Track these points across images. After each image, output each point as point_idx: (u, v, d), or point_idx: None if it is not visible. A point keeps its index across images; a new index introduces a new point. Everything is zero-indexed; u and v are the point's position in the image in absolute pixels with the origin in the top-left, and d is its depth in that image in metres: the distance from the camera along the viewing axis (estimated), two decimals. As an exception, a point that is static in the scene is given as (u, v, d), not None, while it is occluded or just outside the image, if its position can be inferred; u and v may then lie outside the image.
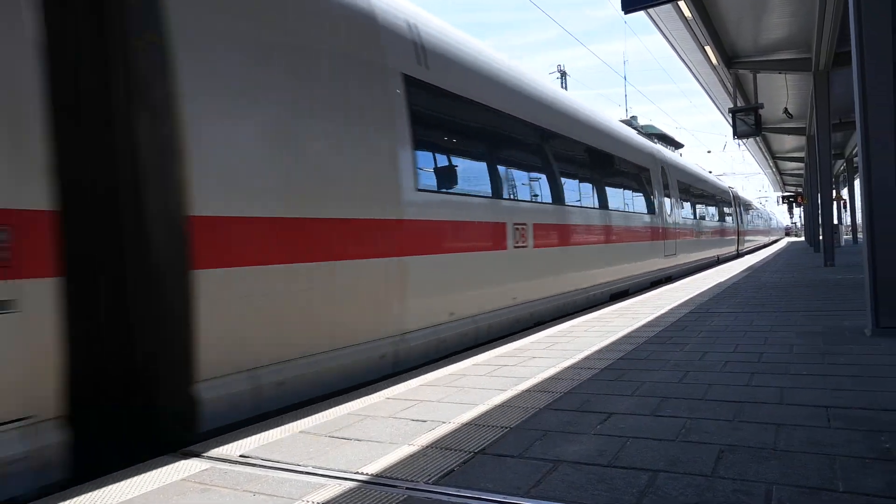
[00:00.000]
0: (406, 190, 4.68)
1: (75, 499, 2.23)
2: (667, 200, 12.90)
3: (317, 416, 3.12)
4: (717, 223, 19.91)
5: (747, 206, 30.96)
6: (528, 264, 6.61)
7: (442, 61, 5.40)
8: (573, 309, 7.85)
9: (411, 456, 2.41)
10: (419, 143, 4.91)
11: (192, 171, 3.15)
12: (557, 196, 7.48)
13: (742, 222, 26.68)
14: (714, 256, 18.94)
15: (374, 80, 4.49)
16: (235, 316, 3.33)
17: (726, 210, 22.18)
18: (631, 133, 11.65)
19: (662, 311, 6.60)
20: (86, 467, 2.84)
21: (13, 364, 2.45)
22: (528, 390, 3.37)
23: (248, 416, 3.34)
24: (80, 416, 2.88)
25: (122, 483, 2.34)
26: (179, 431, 3.08)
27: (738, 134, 13.68)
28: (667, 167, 13.37)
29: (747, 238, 28.23)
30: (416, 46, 5.05)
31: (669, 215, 12.98)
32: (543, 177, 7.28)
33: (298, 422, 3.03)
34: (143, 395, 3.18)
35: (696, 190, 16.49)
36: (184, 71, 3.15)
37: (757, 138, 23.56)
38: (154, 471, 2.45)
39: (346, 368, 4.07)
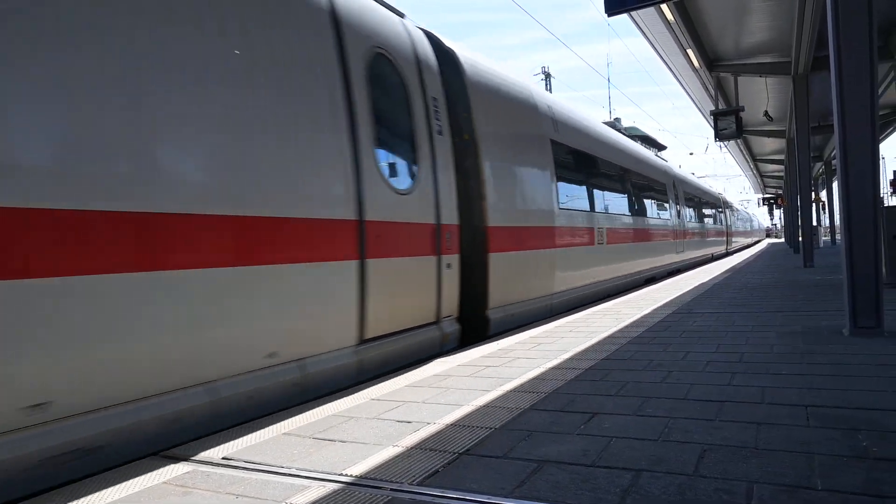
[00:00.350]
0: (556, 208, 7.75)
1: None
2: (677, 208, 16.10)
3: (301, 416, 3.10)
4: (713, 226, 23.21)
5: (734, 211, 35.09)
6: (604, 256, 9.63)
7: (564, 127, 8.49)
8: (623, 288, 10.80)
9: (396, 457, 2.40)
10: (558, 178, 7.92)
11: (487, 204, 6.08)
12: (619, 209, 10.69)
13: (731, 225, 30.29)
14: (710, 254, 21.99)
15: (542, 145, 7.60)
16: (501, 279, 6.24)
17: (719, 215, 25.48)
18: (654, 157, 15.06)
19: (646, 312, 6.65)
20: (462, 342, 5.76)
21: (450, 293, 5.44)
22: (512, 391, 3.38)
23: (504, 329, 6.29)
24: (461, 317, 5.77)
25: (102, 487, 2.31)
26: (485, 331, 6.01)
27: (719, 136, 13.85)
28: (676, 181, 16.58)
29: (734, 239, 32.27)
30: (553, 121, 8.10)
31: (679, 220, 16.18)
32: (613, 196, 10.47)
33: (282, 423, 3.01)
34: (477, 312, 6.00)
35: (696, 198, 19.78)
36: (481, 151, 6.10)
37: (738, 140, 23.88)
38: (135, 475, 2.42)
39: (533, 311, 7.12)
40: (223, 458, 2.54)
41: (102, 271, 2.70)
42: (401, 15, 5.53)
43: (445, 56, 6.01)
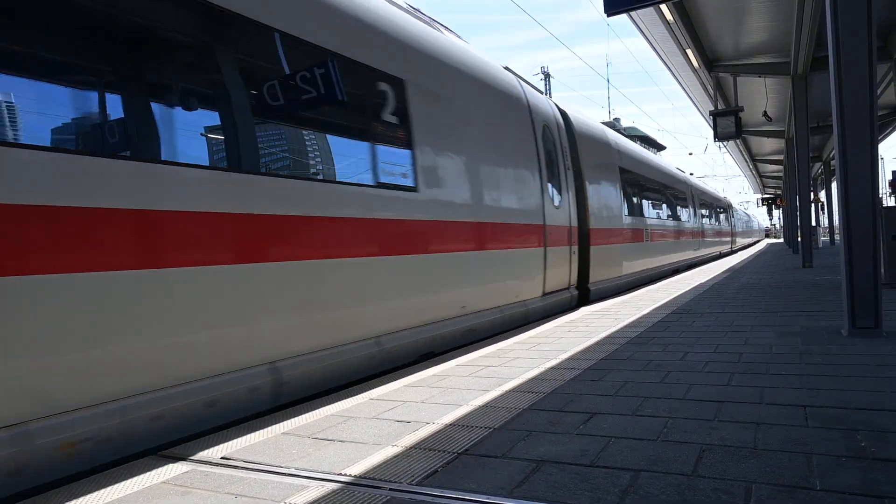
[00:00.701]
0: (623, 215, 10.77)
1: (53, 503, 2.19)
2: (695, 212, 19.41)
3: (300, 417, 3.11)
4: (721, 227, 26.91)
5: (737, 213, 39.98)
6: (650, 250, 12.68)
7: (625, 156, 11.57)
8: (658, 276, 13.55)
9: (395, 457, 2.41)
10: (623, 193, 10.93)
11: (589, 213, 8.89)
12: (658, 215, 13.98)
13: (735, 226, 34.36)
14: (718, 251, 25.35)
15: (614, 171, 10.56)
16: (597, 263, 9.06)
17: (725, 217, 29.32)
18: (676, 170, 18.21)
19: (644, 312, 6.66)
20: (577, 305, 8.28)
21: (573, 271, 8.38)
22: (511, 391, 3.39)
23: (597, 298, 8.94)
24: (577, 287, 8.58)
25: (100, 487, 2.31)
26: (587, 298, 8.75)
27: (718, 136, 13.85)
28: (693, 189, 19.89)
29: (738, 239, 36.87)
30: (619, 153, 11.13)
31: (698, 223, 19.73)
32: (653, 205, 13.79)
33: (281, 423, 3.01)
34: (584, 285, 8.65)
35: (708, 203, 23.45)
36: (584, 176, 8.98)
37: (737, 141, 23.91)
38: (133, 475, 2.42)
39: (611, 288, 9.88)
40: (222, 458, 2.54)
41: (473, 249, 5.79)
42: (544, 93, 9.00)
43: (564, 115, 9.10)
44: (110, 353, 2.77)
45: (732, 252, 30.17)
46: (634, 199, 11.98)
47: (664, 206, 14.94)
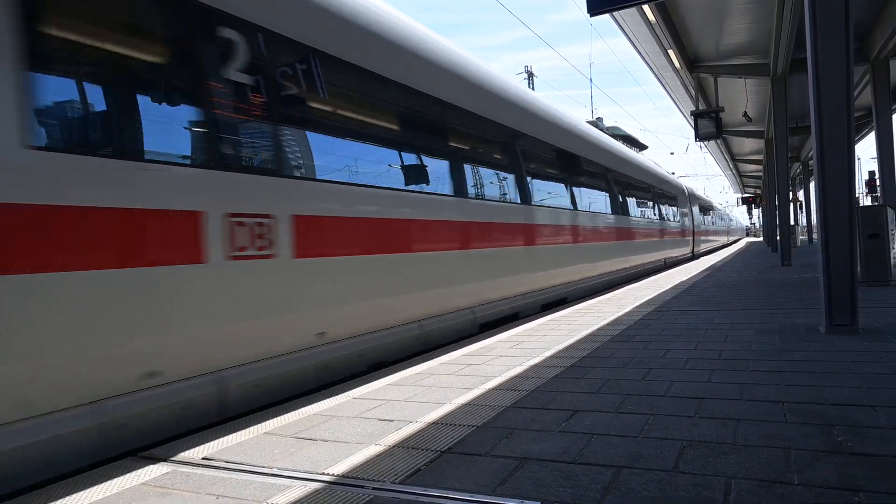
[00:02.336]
0: (693, 224, 23.71)
1: (29, 505, 2.16)
2: (689, 213, 23.41)
3: (282, 417, 3.09)
4: (713, 227, 31.98)
5: (724, 214, 46.54)
6: (693, 240, 23.45)
7: (692, 193, 25.88)
8: (696, 255, 23.90)
9: (378, 456, 2.40)
10: (694, 214, 24.46)
11: (693, 223, 24.08)
12: (697, 222, 25.56)
13: (727, 226, 41.92)
14: (715, 246, 31.27)
15: (685, 204, 22.55)
16: (698, 243, 25.37)
17: (716, 217, 35.09)
18: (676, 180, 23.02)
19: (626, 310, 6.71)
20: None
21: (691, 248, 23.60)
22: (494, 389, 3.39)
23: (699, 256, 24.60)
24: (691, 254, 21.98)
25: (79, 489, 2.27)
26: (692, 259, 21.83)
27: (699, 136, 13.99)
28: (689, 193, 24.44)
29: (730, 236, 45.53)
30: (689, 196, 23.92)
31: (691, 223, 23.56)
32: (699, 216, 26.40)
33: (263, 423, 2.99)
34: (693, 255, 23.08)
35: (701, 205, 28.39)
36: (693, 213, 24.88)
37: (718, 141, 24.30)
38: (113, 476, 2.39)
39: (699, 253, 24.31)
40: (203, 459, 2.51)
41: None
42: (674, 174, 22.21)
43: (689, 190, 22.76)
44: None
45: (726, 246, 32.69)
46: (696, 216, 24.55)
47: (697, 216, 26.06)
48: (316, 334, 4.13)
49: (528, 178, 7.93)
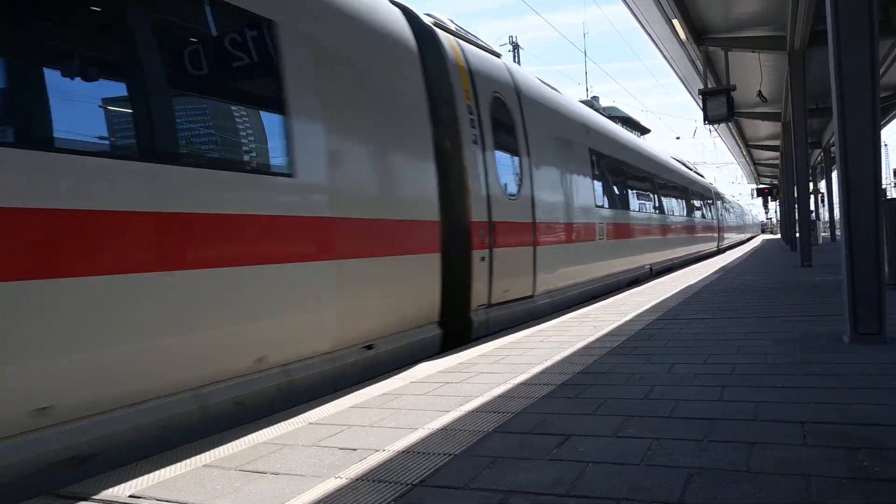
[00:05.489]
0: (719, 220, 31.60)
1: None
2: (717, 212, 29.78)
3: (225, 447, 3.05)
4: (734, 224, 39.06)
5: (743, 211, 56.79)
6: (720, 236, 31.46)
7: (720, 193, 35.77)
8: (725, 247, 32.81)
9: (338, 490, 2.38)
10: (721, 213, 33.46)
11: (718, 219, 32.77)
12: (722, 217, 33.87)
13: (747, 222, 47.96)
14: (735, 241, 38.01)
15: (712, 200, 30.53)
16: (725, 235, 35.92)
17: (738, 214, 43.26)
18: (706, 181, 30.07)
19: (627, 318, 6.78)
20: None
21: (720, 240, 31.41)
22: (474, 411, 3.40)
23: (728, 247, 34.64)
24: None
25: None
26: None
27: (708, 118, 14.20)
28: (718, 193, 31.52)
29: (748, 232, 53.52)
30: (715, 194, 32.17)
31: (720, 220, 30.20)
32: (724, 213, 35.91)
33: (203, 454, 2.95)
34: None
35: (727, 204, 36.01)
36: (719, 206, 34.23)
37: (729, 124, 24.48)
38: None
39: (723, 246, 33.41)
40: (131, 497, 2.47)
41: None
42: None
43: (711, 185, 31.90)
44: None
45: (743, 243, 41.19)
46: (724, 213, 31.59)
47: (722, 213, 33.04)
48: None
49: (633, 192, 14.80)
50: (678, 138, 57.75)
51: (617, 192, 13.05)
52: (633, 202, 14.31)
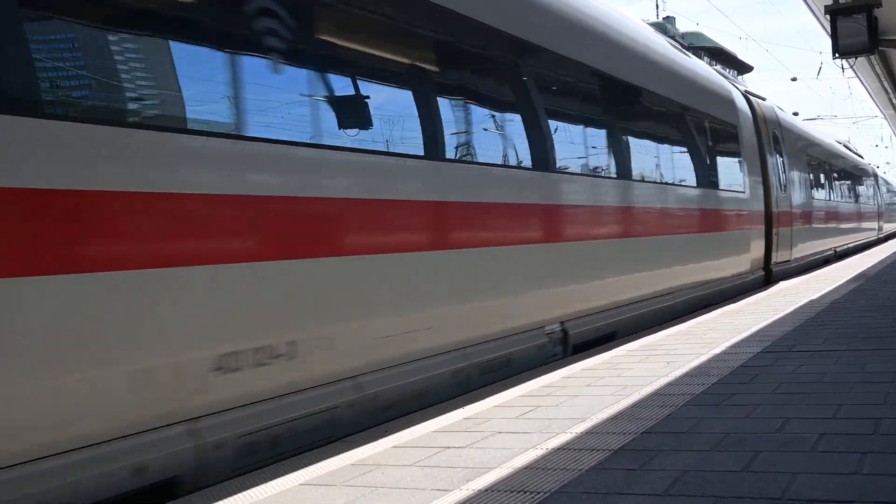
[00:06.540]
0: (879, 205, 51.53)
1: None
2: (878, 196, 46.98)
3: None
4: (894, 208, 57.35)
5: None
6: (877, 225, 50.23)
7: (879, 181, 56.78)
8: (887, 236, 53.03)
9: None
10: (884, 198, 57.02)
11: (879, 204, 52.50)
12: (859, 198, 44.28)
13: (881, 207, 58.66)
14: (891, 231, 53.58)
15: (871, 183, 50.36)
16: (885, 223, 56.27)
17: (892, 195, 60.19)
18: (867, 164, 48.99)
19: (716, 351, 6.78)
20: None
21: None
22: (485, 491, 3.40)
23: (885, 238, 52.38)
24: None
25: None
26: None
27: (840, 50, 14.11)
28: (877, 177, 49.12)
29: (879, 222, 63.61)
30: (874, 176, 52.77)
31: (879, 205, 47.63)
32: (888, 196, 62.81)
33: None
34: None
35: (890, 187, 57.74)
36: (879, 188, 55.71)
37: (872, 56, 24.43)
38: None
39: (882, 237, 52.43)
40: None
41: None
42: None
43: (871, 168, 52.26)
44: None
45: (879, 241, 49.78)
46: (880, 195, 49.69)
47: (863, 191, 42.70)
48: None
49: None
50: (794, 80, 57.04)
51: (825, 186, 27.45)
52: (832, 194, 28.95)
